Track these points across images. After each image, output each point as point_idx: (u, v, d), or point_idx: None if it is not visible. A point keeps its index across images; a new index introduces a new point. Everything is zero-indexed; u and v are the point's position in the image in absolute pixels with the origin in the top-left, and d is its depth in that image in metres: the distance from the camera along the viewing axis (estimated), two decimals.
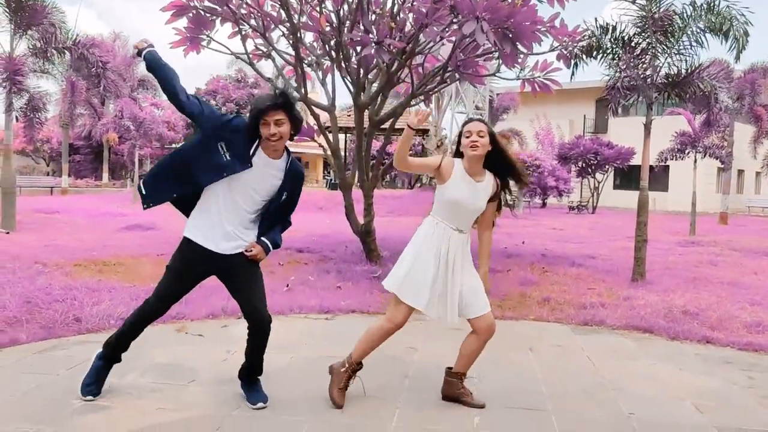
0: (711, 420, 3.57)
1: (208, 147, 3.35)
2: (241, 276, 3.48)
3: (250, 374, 3.64)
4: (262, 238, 3.48)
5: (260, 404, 3.51)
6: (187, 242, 3.47)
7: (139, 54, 3.36)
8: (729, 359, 4.85)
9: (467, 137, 3.41)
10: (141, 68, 33.83)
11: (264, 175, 3.39)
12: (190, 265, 3.48)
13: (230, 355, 4.48)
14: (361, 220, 8.97)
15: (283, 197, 3.47)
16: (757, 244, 13.10)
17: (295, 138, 8.41)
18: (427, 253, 3.45)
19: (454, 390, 3.68)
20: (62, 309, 5.38)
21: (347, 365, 3.61)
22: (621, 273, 8.48)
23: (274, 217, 3.52)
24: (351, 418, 3.42)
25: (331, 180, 33.15)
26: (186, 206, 3.57)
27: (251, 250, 3.44)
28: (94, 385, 3.56)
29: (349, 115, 25.03)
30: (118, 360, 3.71)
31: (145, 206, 3.55)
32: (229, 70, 30.60)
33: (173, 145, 35.56)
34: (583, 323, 5.89)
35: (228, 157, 3.34)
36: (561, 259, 9.60)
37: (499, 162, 3.52)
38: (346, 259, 8.91)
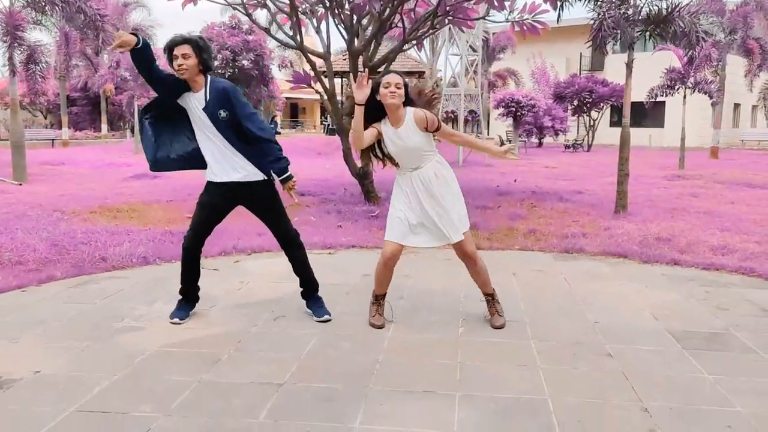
0: (665, 325, 4.12)
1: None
2: (260, 205, 4.06)
3: (309, 290, 4.26)
4: (273, 175, 4.00)
5: (325, 317, 4.14)
6: (207, 182, 4.04)
7: (135, 46, 3.59)
8: (691, 278, 5.40)
9: (386, 87, 3.76)
10: (133, 16, 33.53)
11: (196, 108, 3.86)
12: (212, 197, 4.01)
13: (244, 285, 5.03)
14: (358, 164, 9.41)
15: (221, 115, 3.81)
16: (741, 176, 13.57)
17: (292, 85, 8.81)
18: (397, 197, 3.99)
19: (488, 309, 4.19)
20: (88, 250, 5.91)
21: (372, 299, 4.17)
22: (605, 206, 8.98)
23: (249, 140, 3.90)
24: (352, 331, 3.97)
25: (328, 125, 33.38)
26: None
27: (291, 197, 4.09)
28: (177, 312, 4.12)
29: (344, 59, 25.07)
30: (192, 298, 4.23)
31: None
32: (222, 17, 30.37)
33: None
34: (564, 251, 6.42)
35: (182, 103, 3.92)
36: (550, 195, 10.09)
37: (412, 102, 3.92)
38: (346, 201, 9.40)
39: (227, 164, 3.92)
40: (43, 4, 11.60)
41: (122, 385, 3.13)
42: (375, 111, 3.84)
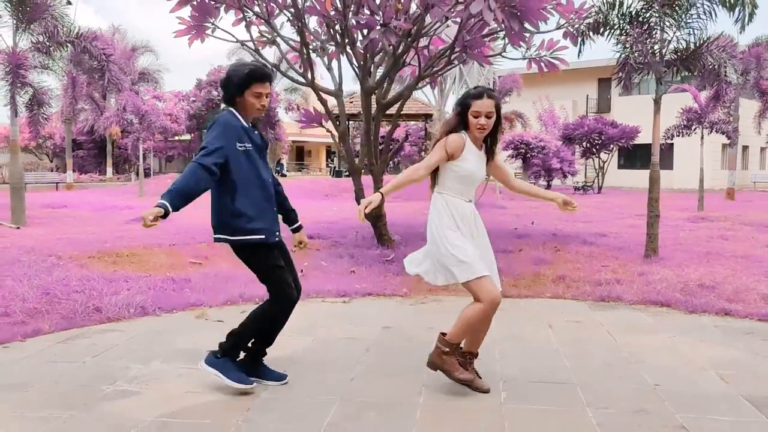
0: (737, 389, 3.58)
1: (235, 157, 3.39)
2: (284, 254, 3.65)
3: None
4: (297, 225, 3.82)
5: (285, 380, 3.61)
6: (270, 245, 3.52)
7: (165, 216, 3.15)
8: (748, 330, 4.86)
9: (476, 117, 3.39)
10: (141, 61, 33.82)
11: (255, 144, 3.52)
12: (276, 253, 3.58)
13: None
14: None
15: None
16: (767, 217, 13.07)
17: (302, 125, 8.40)
18: (449, 227, 3.42)
19: (471, 369, 3.60)
20: (81, 299, 5.41)
21: (448, 349, 3.45)
22: (633, 249, 8.47)
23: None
24: (377, 398, 3.44)
25: (334, 167, 33.15)
26: None
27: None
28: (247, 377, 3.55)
29: (351, 102, 24.95)
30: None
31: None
32: (230, 60, 30.49)
33: (176, 138, 35.58)
34: (599, 299, 5.90)
35: (249, 144, 3.45)
36: (572, 238, 9.59)
37: (494, 129, 3.53)
38: (358, 244, 8.92)
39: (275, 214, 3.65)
40: (48, 44, 11.41)
41: None
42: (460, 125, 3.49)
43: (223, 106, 3.64)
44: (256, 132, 3.57)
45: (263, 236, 3.44)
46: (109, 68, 12.10)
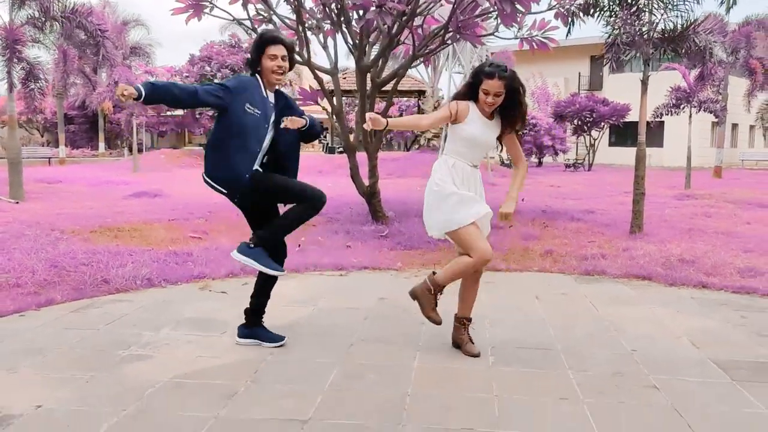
0: (707, 354, 3.87)
1: (242, 116, 3.59)
2: (273, 177, 3.81)
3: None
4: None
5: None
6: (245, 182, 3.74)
7: (137, 98, 3.30)
8: (723, 302, 5.16)
9: (485, 94, 3.57)
10: (132, 35, 33.54)
11: (264, 105, 3.71)
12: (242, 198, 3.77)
13: None
14: (366, 182, 9.18)
15: (282, 122, 3.75)
16: (750, 195, 13.40)
17: (300, 103, 8.62)
18: (451, 185, 3.64)
19: (457, 335, 3.90)
20: (89, 272, 5.63)
21: (433, 288, 3.74)
22: (619, 226, 8.76)
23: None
24: (375, 361, 3.70)
25: (327, 144, 33.23)
26: None
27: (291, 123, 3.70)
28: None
29: (344, 78, 24.98)
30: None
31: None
32: (222, 35, 30.36)
33: (168, 113, 35.47)
34: (585, 273, 6.18)
35: (258, 110, 3.66)
36: (560, 215, 9.87)
37: (510, 106, 3.65)
38: (353, 220, 9.16)
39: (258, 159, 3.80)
40: (43, 20, 11.43)
41: (132, 422, 2.85)
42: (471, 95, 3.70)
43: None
44: (272, 104, 3.75)
45: (226, 191, 3.73)
46: (104, 44, 12.14)
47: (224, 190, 3.73)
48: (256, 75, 3.76)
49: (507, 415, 2.98)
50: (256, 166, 3.75)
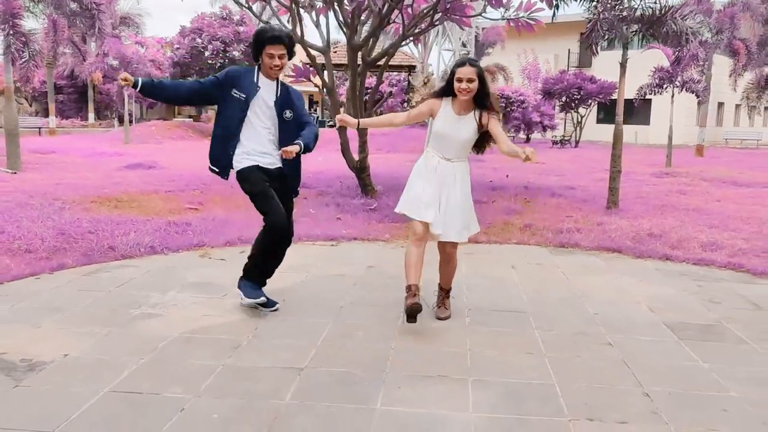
0: (661, 318, 4.33)
1: (228, 101, 4.05)
2: (286, 193, 4.23)
3: (261, 277, 4.28)
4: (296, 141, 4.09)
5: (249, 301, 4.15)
6: (252, 167, 4.08)
7: (134, 86, 3.91)
8: (684, 272, 5.62)
9: (459, 82, 3.90)
10: (121, 5, 33.35)
11: (263, 98, 4.07)
12: (263, 178, 4.09)
13: None
14: (356, 157, 9.54)
15: (286, 114, 4.09)
16: (727, 174, 13.89)
17: (292, 79, 8.93)
18: (422, 178, 4.03)
19: (437, 300, 4.32)
20: (96, 239, 6.01)
21: (406, 293, 4.00)
22: (597, 202, 9.20)
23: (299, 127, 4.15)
24: (363, 321, 4.12)
25: (317, 117, 33.44)
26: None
27: (285, 155, 4.02)
28: (259, 291, 4.19)
29: (335, 52, 25.10)
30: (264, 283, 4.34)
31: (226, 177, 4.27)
32: (213, 7, 30.29)
33: None
34: (559, 245, 6.62)
35: (243, 94, 4.05)
36: (542, 191, 10.30)
37: (481, 96, 3.96)
38: (343, 194, 9.54)
39: (272, 153, 4.13)
40: None
41: (150, 369, 3.26)
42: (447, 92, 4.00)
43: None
44: (275, 95, 4.07)
45: (216, 169, 4.20)
46: (99, 17, 12.30)
47: (215, 169, 4.24)
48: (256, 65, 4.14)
49: (478, 365, 3.42)
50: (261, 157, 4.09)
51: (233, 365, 3.33)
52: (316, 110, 37.63)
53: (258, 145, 4.09)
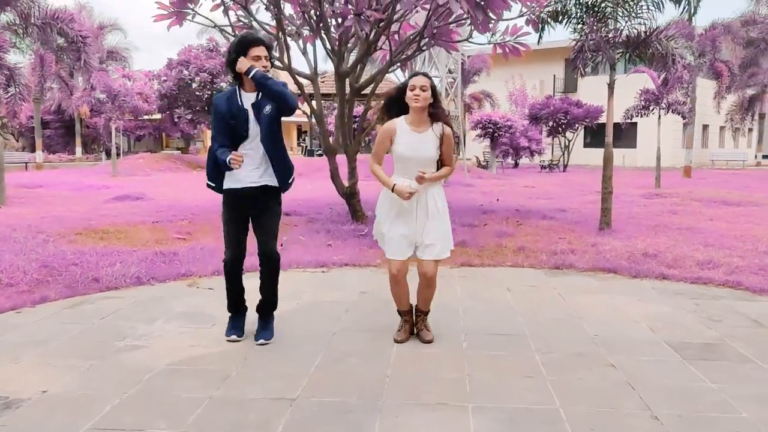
0: (661, 337, 4.22)
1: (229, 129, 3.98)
2: (267, 210, 4.08)
3: (268, 309, 4.21)
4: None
5: (262, 341, 4.05)
6: (225, 194, 4.09)
7: (247, 73, 3.86)
8: (680, 291, 5.53)
9: (411, 90, 3.85)
10: (108, 39, 33.47)
11: (248, 108, 3.97)
12: (233, 207, 4.07)
13: None
14: (345, 183, 9.46)
15: (267, 110, 3.94)
16: (716, 194, 13.91)
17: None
18: (390, 210, 3.99)
19: (417, 324, 4.19)
20: (79, 271, 5.84)
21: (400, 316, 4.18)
22: (589, 223, 9.14)
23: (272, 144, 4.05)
24: (356, 346, 3.99)
25: (306, 147, 33.46)
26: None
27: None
28: (233, 330, 4.17)
29: (323, 82, 25.22)
30: (244, 311, 4.29)
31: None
32: (200, 39, 30.43)
33: (146, 117, 35.39)
34: (554, 267, 6.52)
35: (232, 121, 3.96)
36: (533, 214, 10.23)
37: (434, 109, 3.93)
38: (333, 220, 9.43)
39: (261, 168, 4.00)
40: (25, 26, 11.54)
41: (134, 403, 3.11)
42: (398, 108, 3.95)
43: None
44: (256, 98, 3.95)
45: (214, 184, 4.14)
46: (85, 50, 12.27)
47: (213, 185, 4.15)
48: (236, 82, 4.03)
49: (477, 390, 3.28)
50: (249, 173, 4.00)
51: (222, 397, 3.18)
52: (304, 140, 37.70)
53: (249, 162, 3.98)
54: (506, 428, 2.86)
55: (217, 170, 4.04)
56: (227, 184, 4.04)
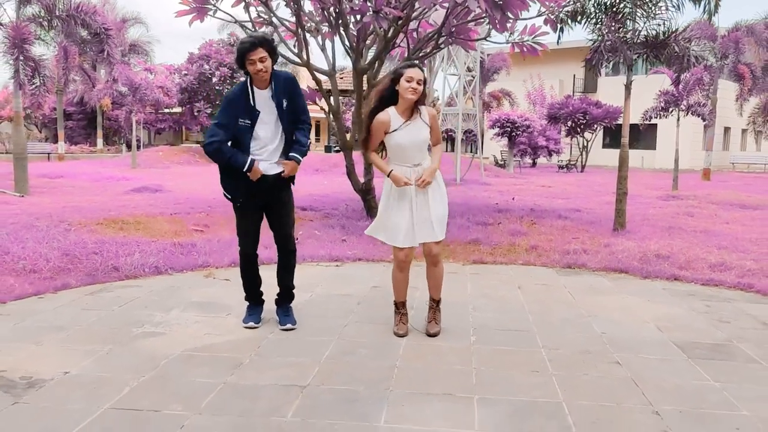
0: (669, 337, 4.26)
1: (237, 130, 4.05)
2: (281, 199, 4.20)
3: (286, 299, 4.39)
4: (290, 154, 4.12)
5: (288, 326, 4.23)
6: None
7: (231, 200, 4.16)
8: (692, 293, 5.54)
9: (408, 81, 3.88)
10: (131, 32, 33.85)
11: (264, 103, 4.03)
12: (247, 198, 4.14)
13: None
14: (361, 179, 9.55)
15: (284, 104, 4.05)
16: (734, 197, 13.82)
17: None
18: (393, 198, 4.04)
19: (428, 314, 4.28)
20: (100, 260, 5.99)
21: (394, 309, 4.29)
22: (603, 224, 9.14)
23: (293, 130, 4.15)
24: (367, 339, 4.07)
25: (327, 144, 33.58)
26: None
27: (284, 171, 4.11)
28: (251, 317, 4.33)
29: (341, 78, 25.34)
30: (261, 302, 4.46)
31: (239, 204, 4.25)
32: (221, 34, 30.69)
33: (166, 110, 35.79)
34: (566, 266, 6.56)
35: (248, 121, 4.04)
36: (549, 213, 10.25)
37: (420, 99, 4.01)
38: (348, 216, 9.53)
39: (274, 160, 4.10)
40: (50, 18, 11.76)
41: (150, 386, 3.22)
42: (390, 98, 3.99)
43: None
44: (271, 92, 4.03)
45: (230, 195, 4.20)
46: (108, 43, 12.47)
47: (228, 195, 4.21)
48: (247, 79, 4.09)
49: (483, 383, 3.36)
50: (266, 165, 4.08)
51: (235, 383, 3.28)
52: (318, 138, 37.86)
53: (265, 154, 4.08)
54: (510, 419, 2.93)
55: (233, 181, 4.11)
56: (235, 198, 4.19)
